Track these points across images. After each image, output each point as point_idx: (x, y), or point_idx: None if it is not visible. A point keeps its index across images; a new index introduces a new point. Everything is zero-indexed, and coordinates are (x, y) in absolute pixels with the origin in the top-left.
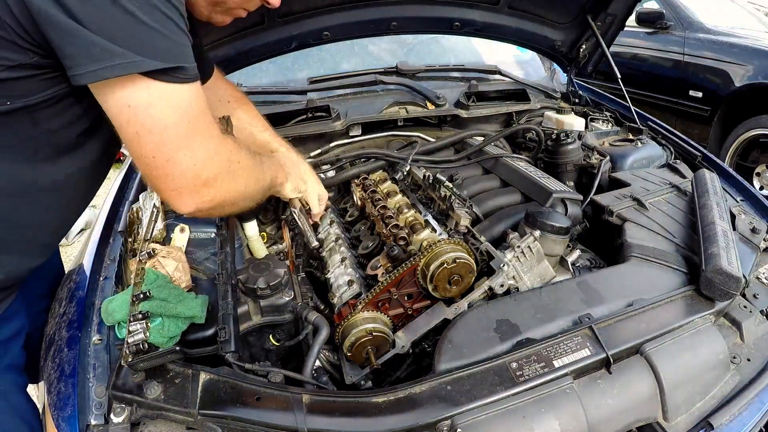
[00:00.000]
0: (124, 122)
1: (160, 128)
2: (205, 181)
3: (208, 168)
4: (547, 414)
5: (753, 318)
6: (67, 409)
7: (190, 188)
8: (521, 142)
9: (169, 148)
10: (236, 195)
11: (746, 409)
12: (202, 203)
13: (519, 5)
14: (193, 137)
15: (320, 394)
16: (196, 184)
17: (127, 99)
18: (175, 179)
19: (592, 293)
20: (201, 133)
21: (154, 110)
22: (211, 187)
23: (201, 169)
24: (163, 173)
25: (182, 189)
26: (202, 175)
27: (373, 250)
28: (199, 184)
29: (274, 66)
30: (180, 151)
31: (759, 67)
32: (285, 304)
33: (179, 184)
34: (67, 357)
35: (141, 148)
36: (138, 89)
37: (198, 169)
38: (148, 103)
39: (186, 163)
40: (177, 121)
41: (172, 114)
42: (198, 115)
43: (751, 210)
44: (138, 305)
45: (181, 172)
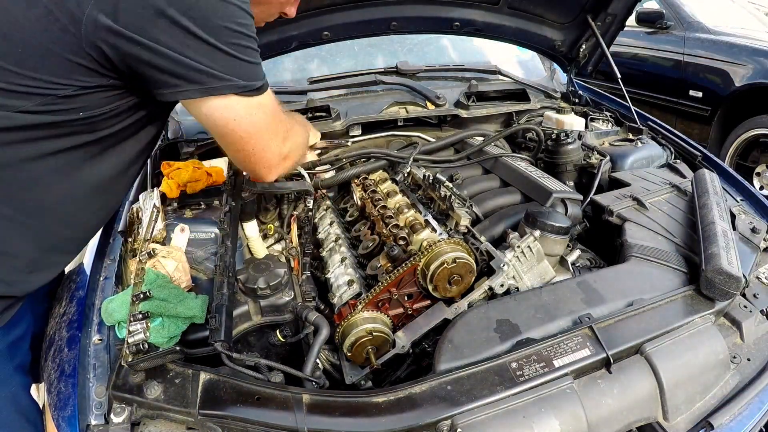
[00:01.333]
0: (229, 132)
1: (259, 130)
2: (285, 156)
3: (287, 146)
4: (547, 414)
5: (753, 318)
6: (67, 409)
7: (277, 163)
8: (521, 142)
9: (266, 141)
10: (301, 156)
11: (746, 409)
12: (283, 171)
13: (519, 5)
14: (278, 130)
15: (320, 394)
16: (281, 160)
17: (232, 114)
18: (268, 160)
19: (592, 293)
20: (281, 124)
21: (254, 118)
22: (288, 159)
23: (283, 148)
24: (260, 158)
25: (273, 166)
26: (283, 152)
27: (373, 250)
28: (282, 159)
29: (274, 66)
30: (271, 141)
31: (759, 67)
32: (285, 304)
33: (271, 163)
34: (67, 357)
35: (244, 147)
36: (238, 105)
37: (281, 149)
38: (248, 114)
39: (275, 148)
40: (269, 122)
41: (265, 117)
42: (277, 112)
43: (751, 210)
44: (138, 305)
45: (272, 154)
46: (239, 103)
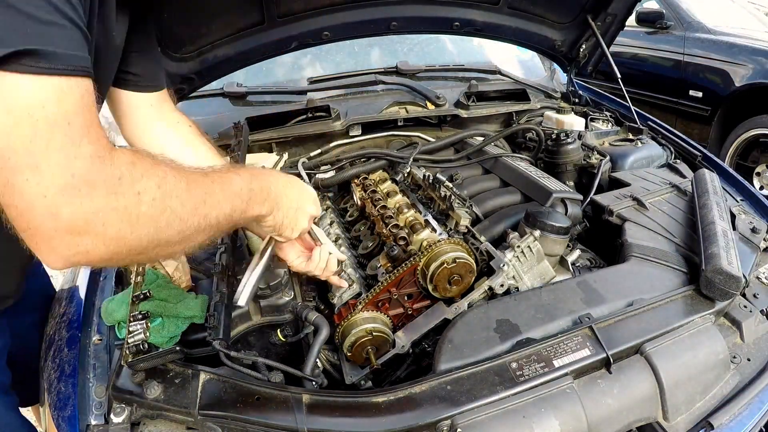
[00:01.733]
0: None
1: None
2: (70, 224)
3: (71, 201)
4: (547, 414)
5: (753, 318)
6: (67, 409)
7: (47, 231)
8: (521, 142)
9: (4, 168)
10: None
11: (746, 409)
12: (75, 256)
13: (519, 5)
14: (42, 153)
15: (320, 394)
16: (54, 227)
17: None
18: (21, 214)
19: (592, 293)
20: (58, 149)
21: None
22: (85, 233)
23: (58, 202)
24: (6, 203)
25: (35, 231)
26: (61, 213)
27: (373, 250)
28: (60, 227)
29: (274, 66)
30: (19, 173)
31: (759, 67)
32: (285, 304)
33: (29, 224)
34: (67, 357)
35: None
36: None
37: (52, 202)
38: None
39: (31, 193)
40: (13, 129)
41: (7, 116)
42: (56, 122)
43: (751, 210)
44: (138, 305)
45: (27, 205)
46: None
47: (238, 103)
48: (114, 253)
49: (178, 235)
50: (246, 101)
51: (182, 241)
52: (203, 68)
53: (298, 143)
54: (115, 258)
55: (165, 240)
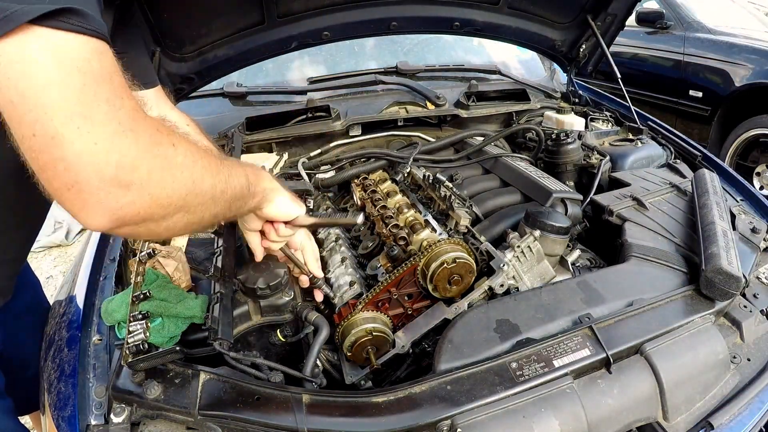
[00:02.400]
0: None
1: (38, 89)
2: (117, 173)
3: (121, 151)
4: (547, 414)
5: (753, 318)
6: (67, 409)
7: (96, 186)
8: (521, 142)
9: (54, 118)
10: (182, 193)
11: (746, 409)
12: (123, 212)
13: (519, 5)
14: (91, 103)
15: (320, 394)
16: (104, 180)
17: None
18: (68, 167)
19: (592, 293)
20: (104, 100)
21: (31, 64)
22: (132, 186)
23: (108, 149)
24: (50, 159)
25: (82, 184)
26: (110, 161)
27: (373, 250)
28: (109, 180)
29: (274, 66)
30: (70, 121)
31: (759, 67)
32: (285, 304)
33: (77, 176)
34: (67, 357)
35: (19, 125)
36: (13, 43)
37: (103, 148)
38: (23, 56)
39: (82, 141)
40: (64, 80)
41: (57, 69)
42: (101, 76)
43: (751, 210)
44: (138, 305)
45: (77, 155)
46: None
47: (238, 103)
48: (158, 206)
49: (211, 188)
50: (246, 101)
51: (213, 199)
52: (203, 68)
53: (298, 143)
54: (157, 213)
55: (201, 192)
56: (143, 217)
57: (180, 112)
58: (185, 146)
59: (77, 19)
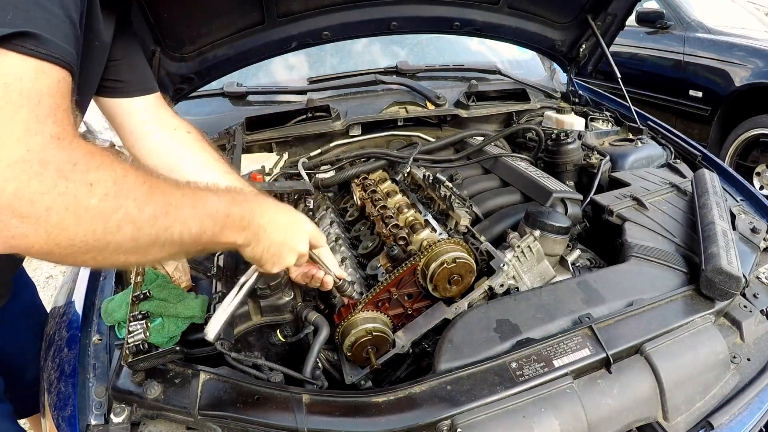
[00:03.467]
0: None
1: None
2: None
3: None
4: (547, 414)
5: (753, 318)
6: (67, 409)
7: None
8: (521, 142)
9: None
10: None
11: (746, 409)
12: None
13: (519, 5)
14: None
15: (320, 394)
16: None
17: None
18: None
19: (592, 293)
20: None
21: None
22: (26, 216)
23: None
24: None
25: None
26: (5, 189)
27: (373, 250)
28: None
29: (274, 66)
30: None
31: (759, 67)
32: (285, 304)
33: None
34: (67, 357)
35: None
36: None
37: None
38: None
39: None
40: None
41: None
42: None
43: (751, 210)
44: (138, 305)
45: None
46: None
47: (238, 103)
48: (55, 245)
49: (131, 242)
50: (246, 101)
51: (135, 251)
52: (203, 68)
53: (298, 143)
54: (56, 251)
55: (114, 244)
56: (39, 252)
57: (181, 120)
58: (107, 188)
59: (21, 40)
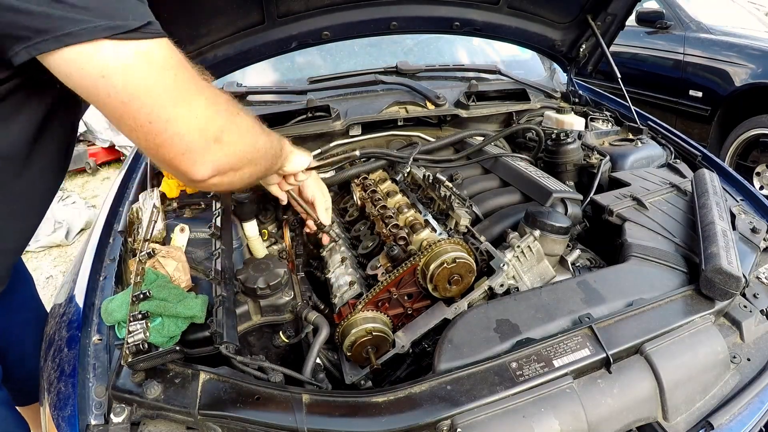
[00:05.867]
0: (105, 96)
1: (146, 90)
2: (214, 136)
3: (212, 119)
4: (547, 414)
5: (753, 318)
6: (67, 409)
7: (202, 146)
8: (521, 142)
9: (164, 107)
10: (251, 149)
11: (746, 409)
12: (219, 162)
13: (519, 5)
14: (185, 90)
15: (320, 394)
16: (206, 140)
17: (100, 69)
18: (182, 139)
19: (592, 293)
20: (190, 85)
21: (133, 72)
22: (222, 143)
23: (205, 121)
24: (168, 137)
25: (194, 149)
26: (208, 129)
27: (373, 250)
28: (209, 140)
29: (274, 66)
30: (176, 106)
31: (759, 67)
32: (285, 304)
33: (188, 145)
34: (67, 357)
35: (134, 119)
36: (107, 55)
37: (202, 122)
38: (123, 67)
39: (188, 118)
40: (161, 78)
41: (153, 71)
42: (180, 67)
43: (751, 210)
44: (138, 305)
45: (186, 129)
46: (108, 52)
47: None
48: (238, 158)
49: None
50: (246, 101)
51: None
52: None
53: (298, 143)
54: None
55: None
56: (231, 167)
57: None
58: (245, 114)
59: (150, 27)
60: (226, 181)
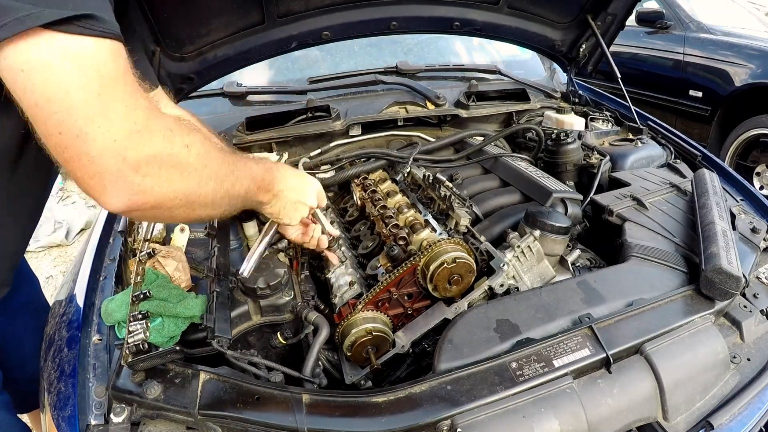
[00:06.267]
0: (21, 92)
1: (62, 93)
2: (134, 165)
3: (136, 145)
4: (547, 414)
5: (753, 318)
6: (67, 409)
7: (114, 173)
8: (521, 142)
9: (78, 119)
10: (186, 194)
11: (746, 409)
12: (135, 196)
13: (519, 5)
14: (110, 104)
15: (320, 394)
16: (121, 168)
17: (20, 62)
18: (92, 161)
19: (592, 293)
20: (120, 100)
21: (53, 71)
22: (146, 175)
23: (125, 145)
24: (75, 154)
25: (104, 174)
26: (128, 155)
27: (373, 250)
28: (125, 168)
29: (274, 66)
30: (92, 121)
31: (759, 67)
32: (285, 304)
33: (99, 168)
34: (67, 357)
35: (44, 124)
36: (32, 48)
37: (120, 145)
38: (44, 63)
39: (103, 138)
40: (85, 84)
41: (78, 74)
42: (117, 77)
43: (751, 210)
44: (138, 305)
45: (99, 150)
46: (31, 44)
47: (238, 103)
48: (164, 198)
49: (213, 193)
50: (246, 101)
51: (213, 204)
52: (203, 68)
53: (298, 143)
54: (164, 204)
55: (203, 197)
56: (152, 206)
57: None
58: (198, 149)
59: (92, 23)
60: (150, 216)
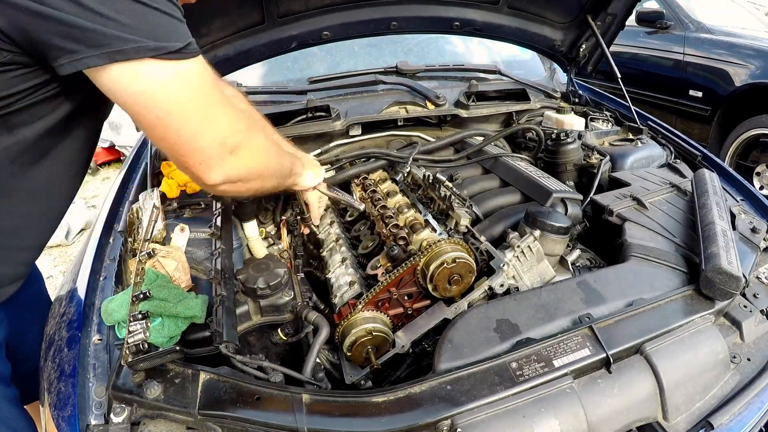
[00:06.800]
0: (142, 109)
1: (180, 107)
2: (231, 149)
3: (232, 135)
4: (547, 414)
5: (753, 317)
6: (67, 409)
7: (217, 158)
8: (521, 142)
9: (194, 123)
10: (261, 167)
11: (746, 409)
12: (231, 172)
13: (519, 5)
14: (213, 108)
15: (320, 394)
16: (222, 153)
17: (140, 85)
18: (203, 151)
19: (592, 293)
20: (219, 102)
21: (171, 90)
22: (237, 156)
23: (226, 136)
24: (191, 148)
25: (210, 160)
26: (227, 143)
27: (373, 250)
28: (225, 153)
29: (274, 66)
30: (204, 123)
31: (759, 67)
32: (285, 304)
33: (207, 155)
34: (67, 357)
35: (165, 131)
36: (150, 73)
37: (223, 136)
38: (162, 85)
39: (212, 134)
40: (194, 96)
41: (189, 90)
42: (212, 86)
43: (751, 210)
44: (138, 305)
45: (208, 143)
46: (150, 71)
47: None
48: (248, 172)
49: (274, 168)
50: None
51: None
52: None
53: (298, 143)
54: (247, 176)
55: (269, 171)
56: (240, 178)
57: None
58: (265, 135)
59: (189, 47)
60: (235, 190)
